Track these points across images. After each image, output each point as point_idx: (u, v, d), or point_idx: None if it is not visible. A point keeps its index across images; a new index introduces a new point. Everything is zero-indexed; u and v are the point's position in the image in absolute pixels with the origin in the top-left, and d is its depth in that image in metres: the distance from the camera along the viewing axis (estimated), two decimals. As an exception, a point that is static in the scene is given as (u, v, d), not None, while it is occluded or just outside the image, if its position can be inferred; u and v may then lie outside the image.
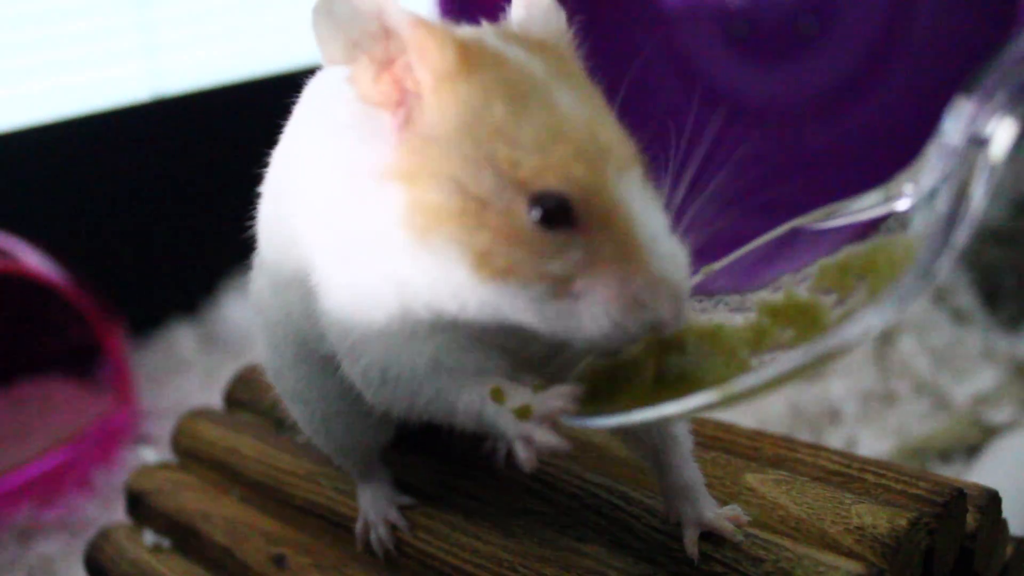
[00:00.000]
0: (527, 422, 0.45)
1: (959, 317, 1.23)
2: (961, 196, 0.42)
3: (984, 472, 0.95)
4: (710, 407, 0.43)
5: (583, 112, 0.45)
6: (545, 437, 0.44)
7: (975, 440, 1.03)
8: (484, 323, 0.46)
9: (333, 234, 0.50)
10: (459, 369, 0.49)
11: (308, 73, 0.58)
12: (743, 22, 1.40)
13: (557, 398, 0.45)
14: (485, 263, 0.44)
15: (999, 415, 1.05)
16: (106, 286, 1.19)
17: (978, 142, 0.42)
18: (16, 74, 1.32)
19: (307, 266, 0.52)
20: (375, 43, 0.46)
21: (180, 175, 1.46)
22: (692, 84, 1.41)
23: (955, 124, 0.43)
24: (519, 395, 0.46)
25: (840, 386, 1.12)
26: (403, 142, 0.46)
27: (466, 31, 0.48)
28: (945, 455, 1.03)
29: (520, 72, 0.45)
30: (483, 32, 0.48)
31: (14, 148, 1.32)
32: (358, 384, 0.52)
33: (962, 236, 0.41)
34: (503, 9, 0.51)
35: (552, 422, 0.45)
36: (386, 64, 0.46)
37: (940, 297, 1.26)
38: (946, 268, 0.41)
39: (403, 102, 0.46)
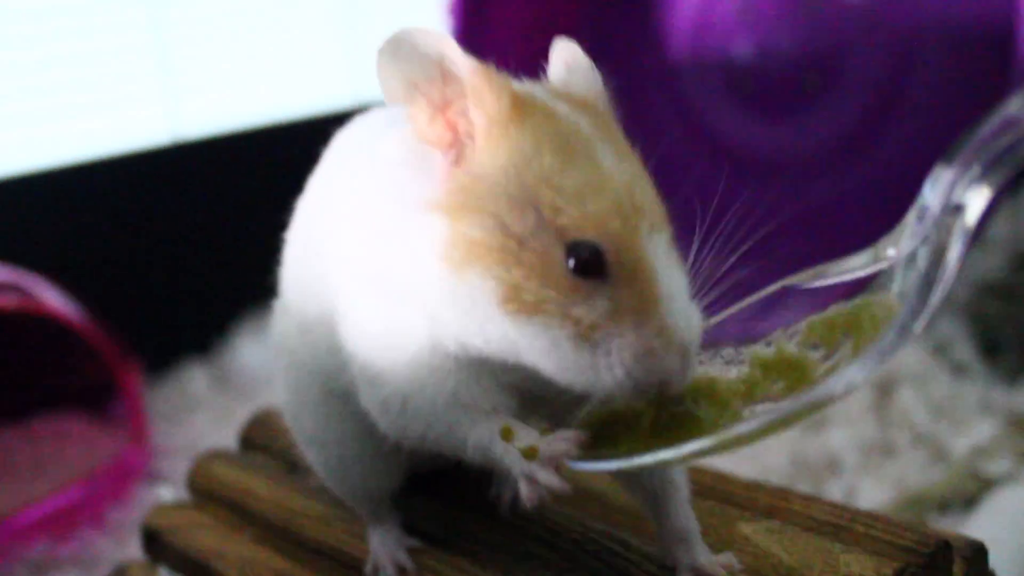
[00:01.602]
0: (532, 462, 0.48)
1: (958, 369, 1.25)
2: (938, 260, 0.46)
3: (981, 523, 0.97)
4: (704, 453, 0.46)
5: (623, 170, 0.48)
6: (548, 478, 0.47)
7: (972, 491, 1.05)
8: (503, 359, 0.48)
9: (369, 265, 0.53)
10: (474, 406, 0.52)
11: (325, 120, 0.61)
12: (748, 76, 1.43)
13: (562, 442, 0.48)
14: (514, 297, 0.46)
15: (996, 467, 1.07)
16: (121, 325, 1.22)
17: (955, 209, 0.45)
18: (38, 117, 1.36)
19: (334, 300, 0.55)
20: (433, 86, 0.49)
21: (195, 218, 1.49)
22: (697, 137, 1.45)
23: (934, 191, 0.46)
24: (527, 436, 0.49)
25: (840, 436, 1.14)
26: (451, 178, 0.49)
27: (518, 84, 0.51)
28: (943, 506, 1.04)
29: (567, 126, 0.48)
30: (532, 87, 0.51)
31: (36, 190, 1.35)
32: (375, 412, 0.55)
33: (938, 297, 0.45)
34: (516, 41, 0.54)
35: (556, 464, 0.47)
36: (442, 107, 0.49)
37: (939, 350, 1.28)
38: (922, 327, 0.45)
39: (455, 143, 0.49)
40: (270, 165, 1.44)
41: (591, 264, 0.46)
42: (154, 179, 1.46)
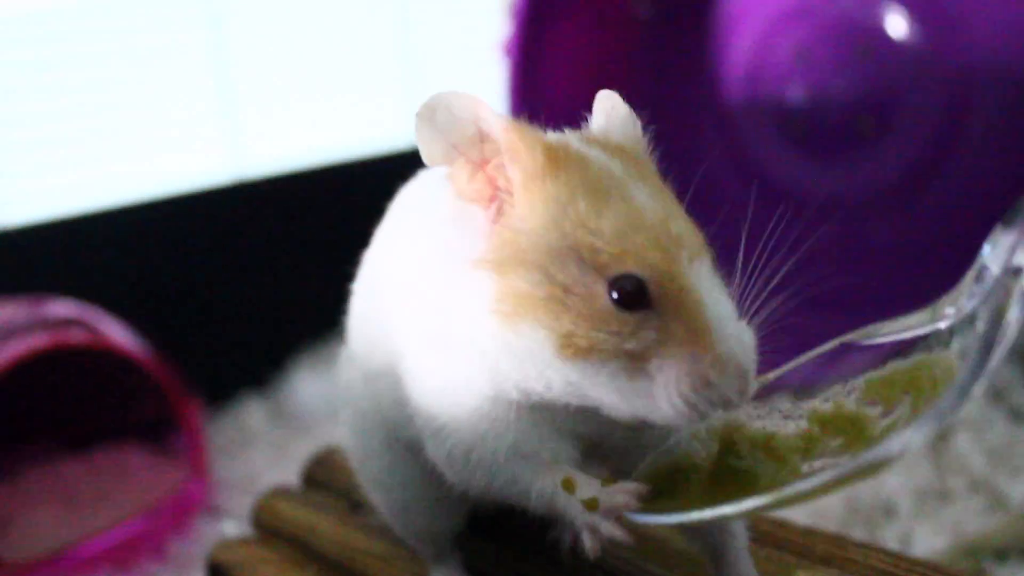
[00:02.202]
0: (594, 514, 0.49)
1: (1016, 415, 1.24)
2: (998, 322, 0.46)
3: (1039, 572, 0.96)
4: (762, 509, 0.47)
5: (658, 206, 0.49)
6: (610, 529, 0.49)
7: (1031, 540, 1.04)
8: (567, 401, 0.50)
9: (426, 321, 0.54)
10: (535, 457, 0.53)
11: (384, 160, 0.63)
12: (802, 120, 1.44)
13: (623, 495, 0.49)
14: (568, 344, 0.47)
15: (1055, 515, 1.06)
16: (182, 360, 1.25)
17: (1015, 271, 0.46)
18: (104, 158, 1.40)
19: (398, 355, 0.57)
20: (471, 146, 0.50)
21: (254, 256, 1.53)
22: (752, 181, 1.45)
23: (994, 253, 0.47)
24: (589, 488, 0.50)
25: (895, 482, 1.14)
26: (494, 234, 0.50)
27: (552, 135, 0.52)
28: (1000, 553, 1.03)
29: (601, 171, 0.50)
30: (568, 136, 0.53)
31: (102, 227, 1.39)
32: (441, 464, 0.56)
33: (998, 359, 0.45)
34: (570, 109, 0.56)
35: (617, 515, 0.48)
36: (480, 164, 0.51)
37: (997, 395, 1.27)
38: (982, 390, 0.45)
39: (495, 198, 0.50)
40: (329, 204, 1.48)
41: (634, 296, 0.47)
42: (216, 218, 1.49)
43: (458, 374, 0.53)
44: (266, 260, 1.53)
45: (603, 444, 0.55)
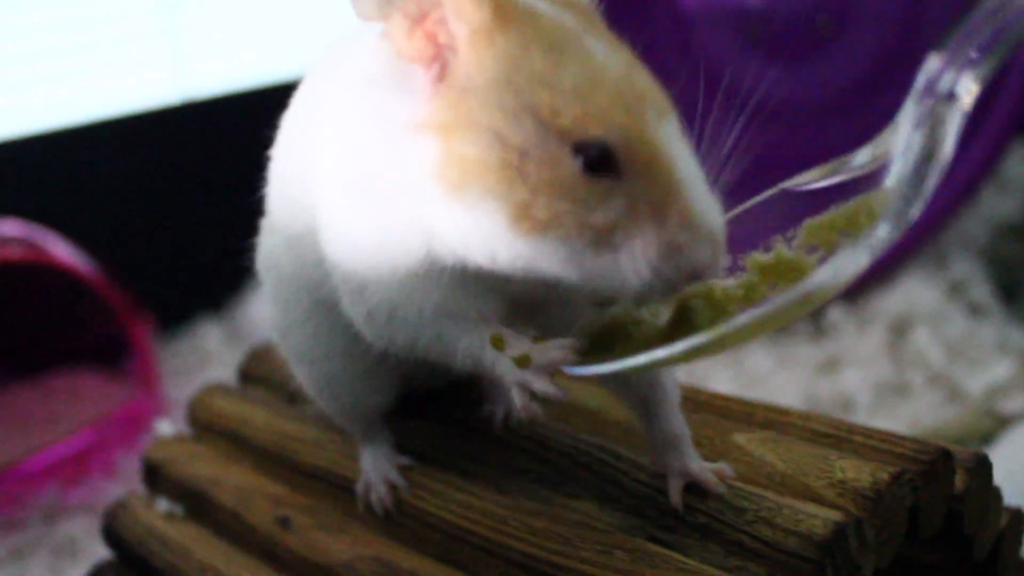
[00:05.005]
0: (526, 370, 0.47)
1: (975, 310, 1.23)
2: (931, 147, 0.44)
3: (996, 460, 0.95)
4: (699, 350, 0.45)
5: (619, 61, 0.45)
6: (543, 386, 0.46)
7: (988, 430, 1.03)
8: (510, 274, 0.47)
9: (355, 181, 0.51)
10: (462, 314, 0.50)
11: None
12: (760, 22, 1.41)
13: (556, 349, 0.47)
14: (525, 216, 0.44)
15: (1012, 405, 1.05)
16: (136, 282, 1.22)
17: (947, 96, 0.44)
18: (54, 78, 1.37)
19: (319, 213, 0.54)
20: None
21: (209, 176, 1.49)
22: (710, 82, 1.43)
23: (926, 80, 0.45)
24: (519, 344, 0.48)
25: (854, 377, 1.13)
26: (438, 95, 0.46)
27: None
28: (958, 444, 1.03)
29: (554, 24, 0.46)
30: None
31: (52, 148, 1.36)
32: (359, 322, 0.54)
33: (931, 184, 0.44)
34: None
35: (549, 371, 0.46)
36: (419, 19, 0.47)
37: (956, 290, 1.26)
38: (917, 214, 0.44)
39: (437, 56, 0.47)
40: (278, 123, 1.44)
41: (601, 162, 0.43)
42: (166, 138, 1.46)
43: (388, 234, 0.50)
44: (219, 180, 1.50)
45: (535, 305, 0.52)
